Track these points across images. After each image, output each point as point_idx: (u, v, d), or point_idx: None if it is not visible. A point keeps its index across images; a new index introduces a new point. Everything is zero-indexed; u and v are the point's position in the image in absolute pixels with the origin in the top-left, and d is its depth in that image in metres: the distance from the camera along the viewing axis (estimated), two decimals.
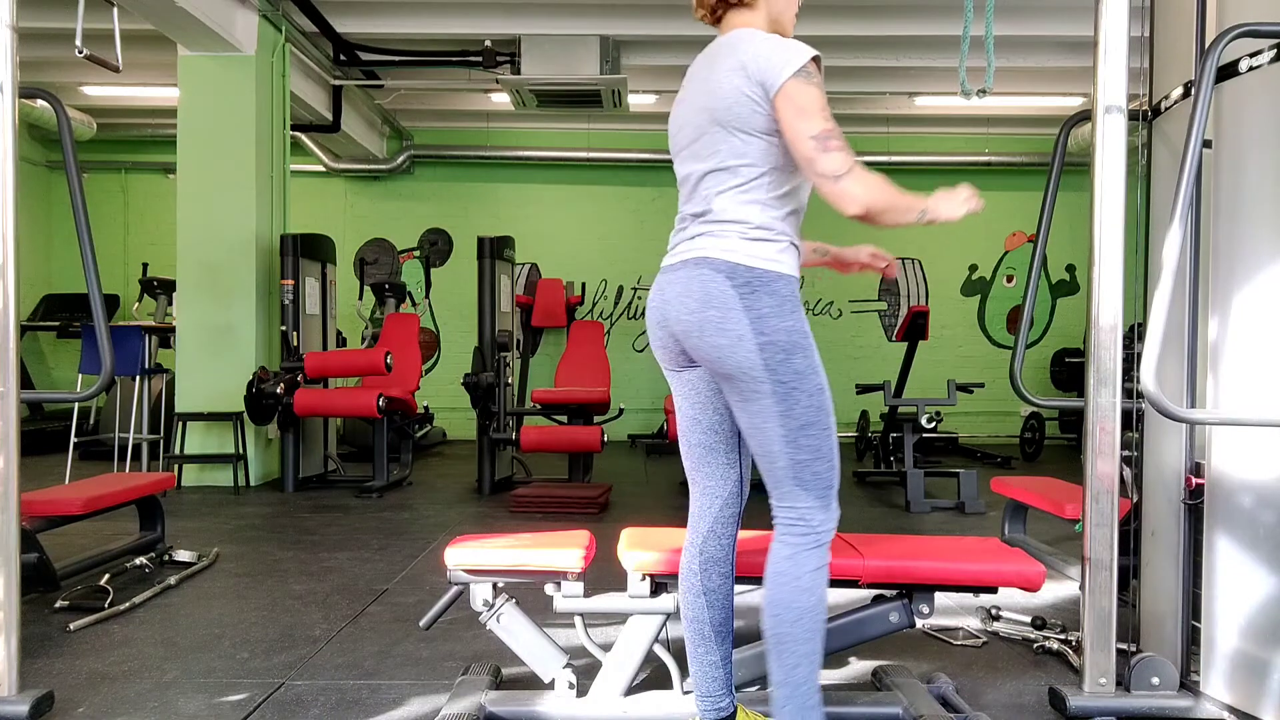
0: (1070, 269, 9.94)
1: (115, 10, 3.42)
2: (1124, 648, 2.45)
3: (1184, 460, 2.47)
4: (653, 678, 2.51)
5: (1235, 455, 2.31)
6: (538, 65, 6.85)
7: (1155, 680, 2.32)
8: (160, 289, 7.95)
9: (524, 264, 9.54)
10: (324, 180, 9.68)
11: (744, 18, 1.93)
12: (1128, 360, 2.41)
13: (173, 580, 3.61)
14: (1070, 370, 9.37)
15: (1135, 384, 2.22)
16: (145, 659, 2.77)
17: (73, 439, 6.05)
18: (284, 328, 6.23)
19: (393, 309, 8.19)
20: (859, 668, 2.72)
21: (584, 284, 9.57)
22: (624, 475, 7.01)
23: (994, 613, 3.20)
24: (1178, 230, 2.17)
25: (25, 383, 3.78)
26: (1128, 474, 2.95)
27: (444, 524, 4.97)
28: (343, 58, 7.15)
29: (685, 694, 2.29)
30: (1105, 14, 2.30)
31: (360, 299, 9.26)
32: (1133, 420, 2.62)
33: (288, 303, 6.20)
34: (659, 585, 2.31)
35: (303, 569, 3.91)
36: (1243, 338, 2.30)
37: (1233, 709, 2.29)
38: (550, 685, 2.34)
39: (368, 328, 8.57)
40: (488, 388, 6.01)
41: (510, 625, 2.36)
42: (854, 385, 7.12)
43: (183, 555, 3.96)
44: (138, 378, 6.12)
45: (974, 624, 3.17)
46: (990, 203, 2.04)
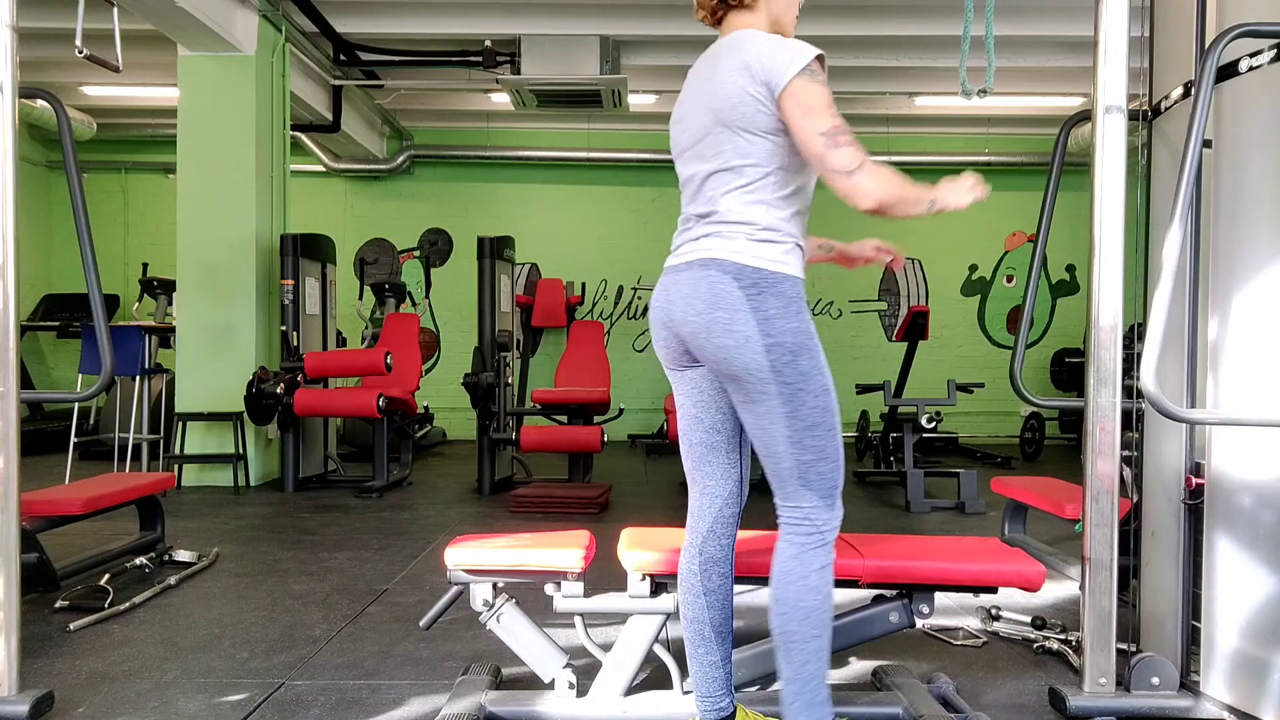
0: (1070, 269, 9.94)
1: (115, 10, 3.42)
2: (1124, 648, 2.45)
3: (1184, 460, 2.47)
4: (653, 678, 2.51)
5: (1235, 455, 2.31)
6: (538, 65, 6.85)
7: (1155, 680, 2.32)
8: (160, 289, 7.95)
9: (524, 264, 9.54)
10: (324, 180, 9.68)
11: (744, 19, 1.93)
12: (1128, 360, 2.41)
13: (173, 580, 3.62)
14: (1070, 370, 9.37)
15: (1135, 382, 2.22)
16: (145, 659, 2.77)
17: (73, 439, 6.05)
18: (284, 328, 6.23)
19: (393, 309, 8.19)
20: (859, 668, 2.72)
21: (584, 284, 9.57)
22: (624, 475, 7.01)
23: (994, 613, 3.20)
24: (1178, 230, 2.17)
25: (25, 383, 3.78)
26: (1128, 474, 2.95)
27: (444, 524, 4.97)
28: (343, 58, 7.15)
29: (685, 694, 2.29)
30: (1105, 14, 2.30)
31: (360, 299, 9.26)
32: (1133, 420, 2.62)
33: (288, 303, 6.21)
34: (659, 585, 2.31)
35: (303, 569, 3.91)
36: (1243, 338, 2.31)
37: (1233, 709, 2.29)
38: (550, 685, 2.34)
39: (368, 328, 8.57)
40: (488, 388, 6.01)
41: (510, 625, 2.36)
42: (854, 385, 7.12)
43: (183, 555, 3.96)
44: (138, 378, 6.12)
45: (974, 624, 3.17)
46: (990, 203, 2.04)
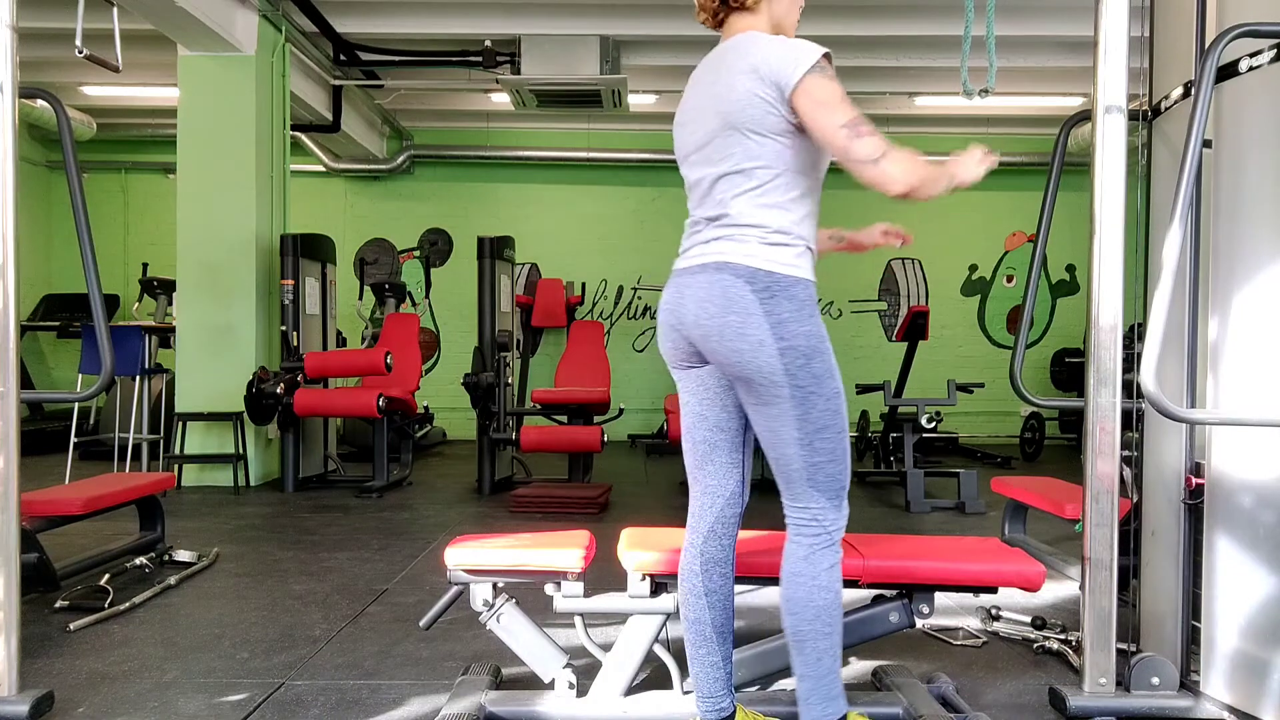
0: (1070, 269, 9.94)
1: (115, 10, 3.42)
2: (1124, 648, 2.45)
3: (1184, 460, 2.47)
4: (653, 678, 2.51)
5: (1235, 455, 2.31)
6: (538, 65, 6.85)
7: (1155, 680, 2.32)
8: (160, 289, 7.95)
9: (524, 264, 9.54)
10: (324, 180, 9.67)
11: (746, 21, 1.93)
12: (1128, 360, 2.41)
13: (173, 580, 3.62)
14: (1070, 370, 9.37)
15: (1135, 379, 2.22)
16: (145, 659, 2.77)
17: (73, 439, 6.05)
18: (284, 328, 6.23)
19: (393, 309, 8.18)
20: (859, 668, 2.71)
21: (584, 284, 9.56)
22: (624, 475, 7.01)
23: (994, 613, 3.20)
24: (1178, 230, 2.17)
25: (25, 383, 3.78)
26: (1128, 474, 2.95)
27: (444, 524, 4.97)
28: (343, 58, 7.15)
29: (685, 694, 2.29)
30: (1105, 14, 2.30)
31: (360, 299, 9.26)
32: (1133, 420, 2.62)
33: (288, 303, 6.20)
34: (659, 585, 2.31)
35: (303, 569, 3.91)
36: (1243, 338, 2.31)
37: (1233, 709, 2.29)
38: (550, 685, 2.35)
39: (368, 328, 8.57)
40: (488, 388, 6.01)
41: (510, 625, 2.36)
42: (854, 385, 7.12)
43: (183, 555, 3.96)
44: (138, 378, 6.12)
45: (974, 624, 3.17)
46: (990, 203, 2.05)
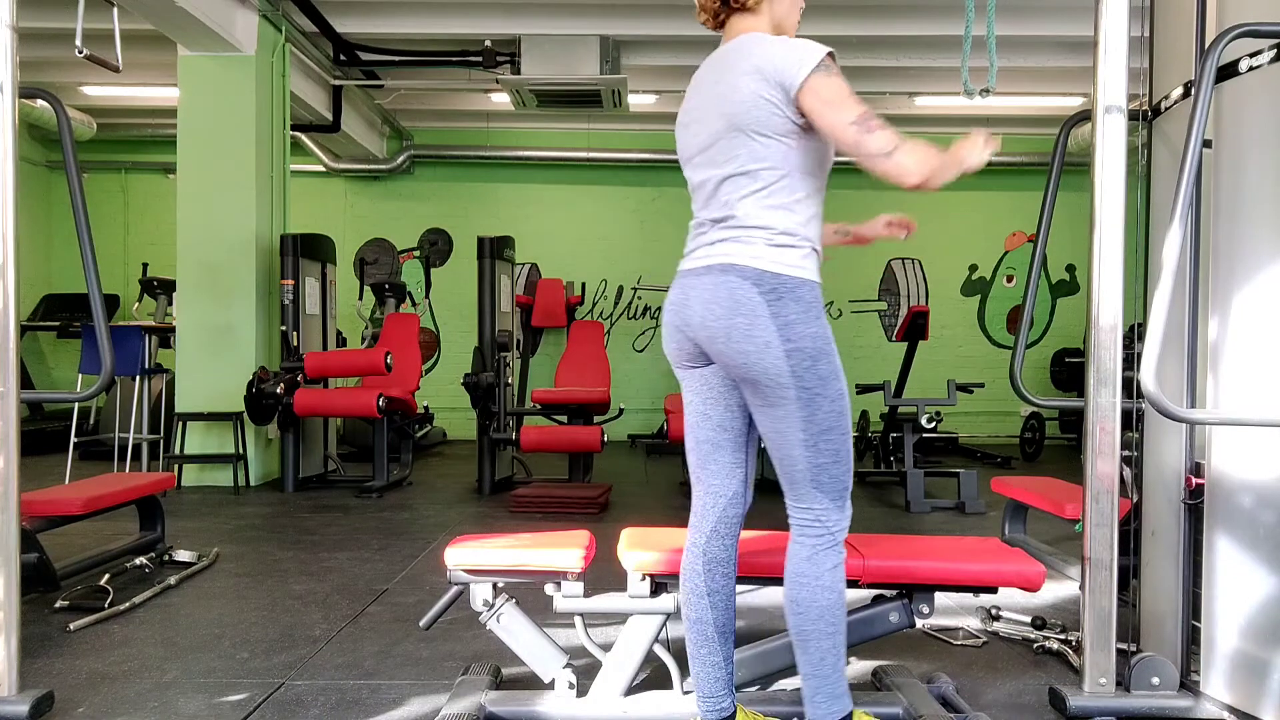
0: (1070, 269, 9.94)
1: (115, 10, 3.42)
2: (1124, 648, 2.45)
3: (1184, 460, 2.47)
4: (653, 678, 2.51)
5: (1235, 455, 2.31)
6: (538, 65, 6.85)
7: (1155, 680, 2.32)
8: (160, 289, 7.95)
9: (524, 264, 9.54)
10: (324, 180, 9.67)
11: (747, 22, 1.93)
12: (1128, 360, 2.41)
13: (173, 580, 3.62)
14: (1070, 370, 9.36)
15: (1135, 378, 2.22)
16: (145, 659, 2.77)
17: (73, 439, 6.05)
18: (284, 328, 6.23)
19: (393, 309, 8.19)
20: (859, 668, 2.71)
21: (584, 284, 9.56)
22: (624, 475, 7.01)
23: (994, 613, 3.20)
24: (1178, 230, 2.17)
25: (25, 383, 3.78)
26: (1128, 474, 2.95)
27: (444, 524, 4.97)
28: (343, 58, 7.15)
29: (685, 694, 2.29)
30: (1105, 14, 2.30)
31: (360, 299, 9.26)
32: (1133, 420, 2.62)
33: (288, 303, 6.20)
34: (659, 585, 2.31)
35: (303, 569, 3.91)
36: (1243, 338, 2.31)
37: (1233, 709, 2.29)
38: (550, 685, 2.34)
39: (368, 328, 8.57)
40: (488, 388, 6.01)
41: (510, 625, 2.36)
42: (854, 385, 7.11)
43: (183, 555, 3.96)
44: (138, 378, 6.12)
45: (974, 624, 3.17)
46: (990, 203, 2.05)
